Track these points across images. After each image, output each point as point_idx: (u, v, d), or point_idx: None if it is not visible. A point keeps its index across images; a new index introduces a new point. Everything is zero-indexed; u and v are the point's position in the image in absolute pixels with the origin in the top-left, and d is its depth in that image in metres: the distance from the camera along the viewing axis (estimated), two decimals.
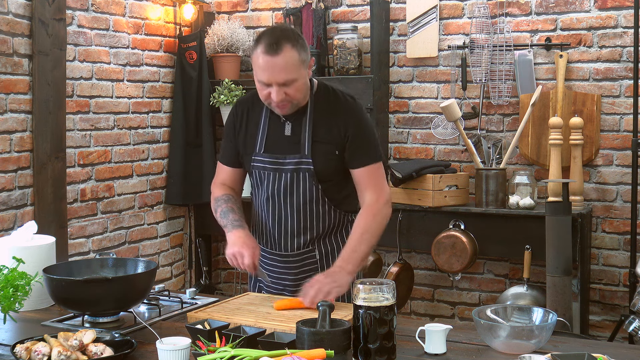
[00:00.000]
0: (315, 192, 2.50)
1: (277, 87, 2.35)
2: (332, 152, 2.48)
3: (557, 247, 3.54)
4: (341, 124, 2.47)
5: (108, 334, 1.97)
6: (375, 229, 2.48)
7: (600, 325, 4.10)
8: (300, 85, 2.39)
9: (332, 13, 4.57)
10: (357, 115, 2.51)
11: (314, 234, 2.54)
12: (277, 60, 2.31)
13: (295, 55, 2.34)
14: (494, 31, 4.18)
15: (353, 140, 2.48)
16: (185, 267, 4.77)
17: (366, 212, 2.49)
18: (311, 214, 2.52)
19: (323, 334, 1.85)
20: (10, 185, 3.53)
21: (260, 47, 2.33)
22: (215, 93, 4.46)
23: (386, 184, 2.56)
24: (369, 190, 2.50)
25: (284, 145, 2.50)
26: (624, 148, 4.00)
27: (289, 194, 2.50)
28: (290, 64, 2.33)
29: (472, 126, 4.30)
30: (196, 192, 4.54)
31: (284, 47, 2.31)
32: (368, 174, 2.50)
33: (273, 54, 2.31)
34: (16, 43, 3.53)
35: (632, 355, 1.97)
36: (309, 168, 2.47)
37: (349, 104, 2.52)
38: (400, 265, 4.21)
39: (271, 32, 2.36)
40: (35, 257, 2.35)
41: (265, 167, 2.52)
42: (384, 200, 2.51)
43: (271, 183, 2.51)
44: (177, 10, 4.61)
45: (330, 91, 2.54)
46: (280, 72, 2.32)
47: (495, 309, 2.10)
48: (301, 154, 2.47)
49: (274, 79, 2.33)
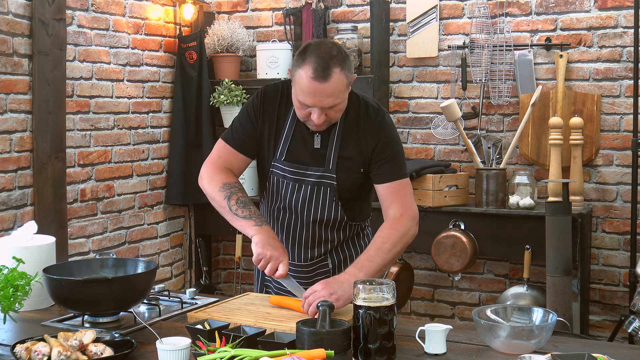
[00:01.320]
0: (335, 208, 2.42)
1: (319, 110, 2.24)
2: (357, 169, 2.40)
3: (557, 247, 3.54)
4: (370, 140, 2.38)
5: (108, 334, 1.96)
6: (397, 242, 2.32)
7: (600, 325, 4.10)
8: (342, 107, 2.30)
9: (332, 13, 4.57)
10: (385, 130, 2.40)
11: (328, 246, 2.48)
12: (326, 86, 2.19)
13: (343, 80, 2.22)
14: (494, 31, 4.19)
15: (380, 155, 2.38)
16: (185, 267, 4.77)
17: (389, 224, 2.36)
18: (326, 227, 2.46)
19: (323, 334, 1.85)
20: (10, 185, 3.53)
21: (308, 69, 2.19)
22: (215, 93, 4.46)
23: (414, 203, 2.43)
24: (395, 206, 2.37)
25: (308, 156, 2.41)
26: (624, 148, 4.00)
27: (307, 207, 2.43)
28: (337, 89, 2.22)
29: (472, 126, 4.30)
30: (196, 192, 4.48)
31: (333, 72, 2.19)
32: (394, 190, 2.39)
33: (322, 81, 2.18)
34: (16, 43, 3.53)
35: (632, 355, 1.97)
36: (332, 183, 2.39)
37: (378, 119, 2.40)
38: (400, 265, 4.20)
39: (319, 52, 2.20)
40: (35, 257, 2.35)
41: (286, 177, 2.43)
42: (410, 217, 2.38)
43: (289, 193, 2.43)
44: (177, 10, 4.61)
45: (362, 104, 2.42)
46: (327, 97, 2.21)
47: (495, 309, 2.09)
48: (325, 168, 2.39)
49: (320, 104, 2.23)
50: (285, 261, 2.26)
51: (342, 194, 2.41)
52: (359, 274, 2.21)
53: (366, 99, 2.46)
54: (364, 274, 2.22)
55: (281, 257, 2.26)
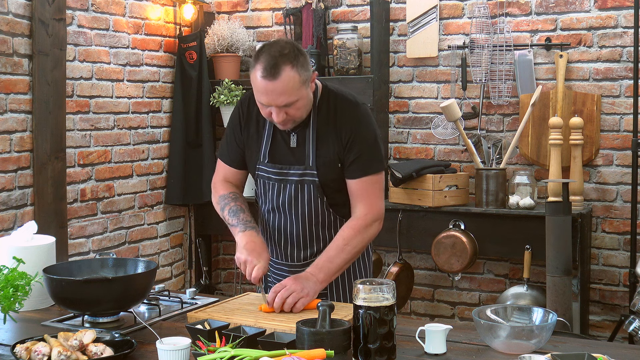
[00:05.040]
0: (320, 204, 2.44)
1: (277, 109, 2.27)
2: (335, 164, 2.41)
3: (557, 247, 3.54)
4: (343, 135, 2.39)
5: (108, 334, 1.96)
6: (357, 243, 2.38)
7: (600, 325, 4.10)
8: (301, 105, 2.31)
9: (332, 13, 4.57)
10: (358, 123, 2.40)
11: (320, 245, 2.49)
12: (276, 84, 2.22)
13: (295, 77, 2.23)
14: (494, 31, 4.18)
15: (350, 149, 2.39)
16: (185, 267, 4.77)
17: (352, 224, 2.41)
18: (317, 226, 2.48)
19: (323, 334, 1.85)
20: (10, 185, 3.53)
21: (258, 69, 2.23)
22: (215, 93, 4.46)
23: (380, 201, 2.45)
24: (360, 205, 2.41)
25: (288, 155, 2.44)
26: (624, 148, 4.00)
27: (294, 206, 2.45)
28: (289, 87, 2.23)
29: (472, 126, 4.30)
30: (196, 192, 4.54)
31: (282, 70, 2.21)
32: (362, 187, 2.41)
33: (272, 79, 2.21)
34: (16, 43, 3.53)
35: (632, 355, 1.97)
36: (314, 180, 2.41)
37: (351, 111, 2.42)
38: (400, 265, 4.21)
39: (268, 51, 2.24)
40: (35, 257, 2.35)
41: (270, 178, 2.47)
42: (373, 217, 2.42)
43: (275, 193, 2.47)
44: (177, 10, 4.61)
45: (333, 98, 2.43)
46: (279, 96, 2.24)
47: (495, 309, 2.09)
48: (305, 166, 2.42)
49: (274, 103, 2.26)
50: (259, 265, 2.30)
51: (326, 190, 2.44)
52: (319, 275, 2.32)
53: (343, 93, 2.46)
54: (324, 274, 2.33)
55: (255, 260, 2.31)
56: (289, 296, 2.22)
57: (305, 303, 2.23)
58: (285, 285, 2.24)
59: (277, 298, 2.21)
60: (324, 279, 2.33)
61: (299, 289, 2.23)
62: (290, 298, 2.22)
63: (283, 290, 2.22)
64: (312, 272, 2.33)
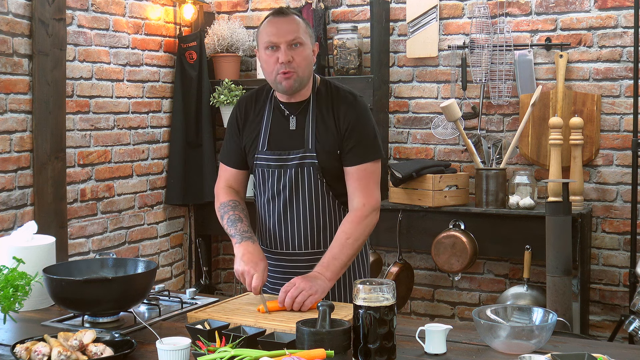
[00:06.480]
0: (320, 187, 2.47)
1: (285, 46, 2.38)
2: (334, 150, 2.46)
3: (557, 247, 3.54)
4: (342, 122, 2.46)
5: (108, 334, 1.96)
6: (359, 236, 2.42)
7: (600, 325, 4.10)
8: (307, 54, 2.43)
9: (332, 13, 4.57)
10: (356, 111, 2.47)
11: (320, 231, 2.51)
12: (286, 20, 2.42)
13: (301, 22, 2.44)
14: (494, 31, 4.18)
15: (349, 136, 2.45)
16: (185, 267, 4.78)
17: (351, 217, 2.44)
18: (317, 209, 2.49)
19: (323, 334, 1.85)
20: (10, 185, 3.53)
21: (268, 17, 2.45)
22: (215, 93, 4.46)
23: (377, 190, 2.49)
24: (358, 194, 2.45)
25: (287, 140, 2.48)
26: (624, 148, 4.00)
27: (294, 189, 2.48)
28: (297, 25, 2.42)
29: (472, 126, 4.30)
30: (196, 192, 4.54)
31: (290, 13, 2.45)
32: (360, 174, 2.46)
33: (281, 16, 2.43)
34: (16, 43, 3.53)
35: (632, 355, 1.97)
36: (313, 162, 2.45)
37: (348, 100, 2.50)
38: (400, 265, 4.21)
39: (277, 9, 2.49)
40: (35, 257, 2.35)
41: (270, 165, 2.50)
42: (371, 207, 2.45)
43: (276, 180, 2.49)
44: (177, 10, 4.61)
45: (332, 87, 2.53)
46: (288, 32, 2.39)
47: (495, 309, 2.09)
48: (305, 149, 2.46)
49: (283, 38, 2.38)
50: (257, 275, 2.32)
51: (325, 172, 2.47)
52: (327, 273, 2.35)
53: (339, 84, 2.57)
54: (330, 272, 2.35)
55: (253, 270, 2.33)
56: (298, 295, 2.23)
57: (314, 301, 2.24)
58: (295, 284, 2.26)
59: (287, 297, 2.23)
60: (331, 277, 2.36)
61: (308, 287, 2.25)
62: (299, 296, 2.23)
63: (292, 289, 2.24)
64: (319, 270, 2.35)
